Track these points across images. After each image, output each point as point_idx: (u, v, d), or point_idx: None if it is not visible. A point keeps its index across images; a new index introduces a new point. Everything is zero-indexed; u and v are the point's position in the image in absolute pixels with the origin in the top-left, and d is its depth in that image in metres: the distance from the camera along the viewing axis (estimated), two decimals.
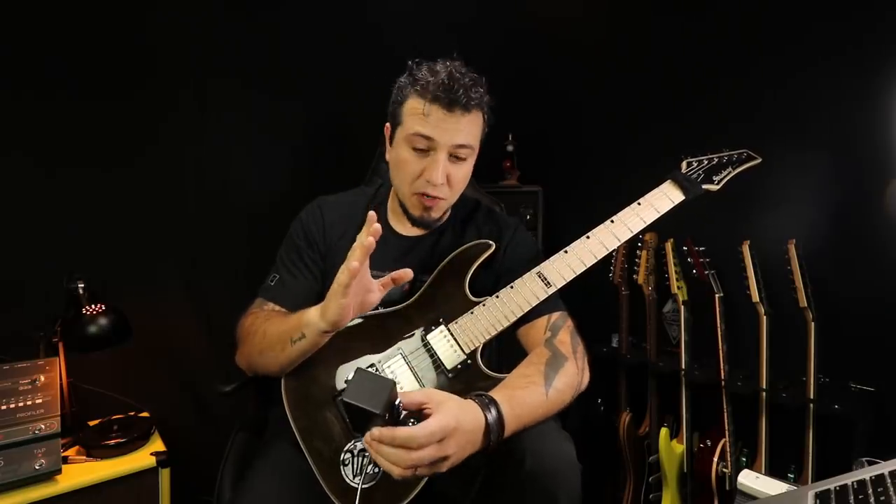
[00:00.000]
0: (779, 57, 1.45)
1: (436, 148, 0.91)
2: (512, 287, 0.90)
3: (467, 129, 0.92)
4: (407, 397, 0.68)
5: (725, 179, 0.98)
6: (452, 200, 0.99)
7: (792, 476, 1.35)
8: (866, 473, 0.56)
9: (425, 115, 0.89)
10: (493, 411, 0.73)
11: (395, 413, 0.65)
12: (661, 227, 0.97)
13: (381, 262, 1.00)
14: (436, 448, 0.65)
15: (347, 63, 1.69)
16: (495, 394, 0.76)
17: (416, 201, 0.95)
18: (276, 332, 0.87)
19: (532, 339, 0.93)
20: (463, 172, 0.96)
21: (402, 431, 0.64)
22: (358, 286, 0.76)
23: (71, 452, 1.17)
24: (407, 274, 0.80)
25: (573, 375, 0.85)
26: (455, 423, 0.67)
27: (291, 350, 0.84)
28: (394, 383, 0.63)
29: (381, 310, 0.94)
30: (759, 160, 1.01)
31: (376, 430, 0.64)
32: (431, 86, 0.89)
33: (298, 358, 0.86)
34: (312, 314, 0.80)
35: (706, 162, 0.99)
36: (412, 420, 0.68)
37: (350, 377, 0.62)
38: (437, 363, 0.88)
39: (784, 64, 1.44)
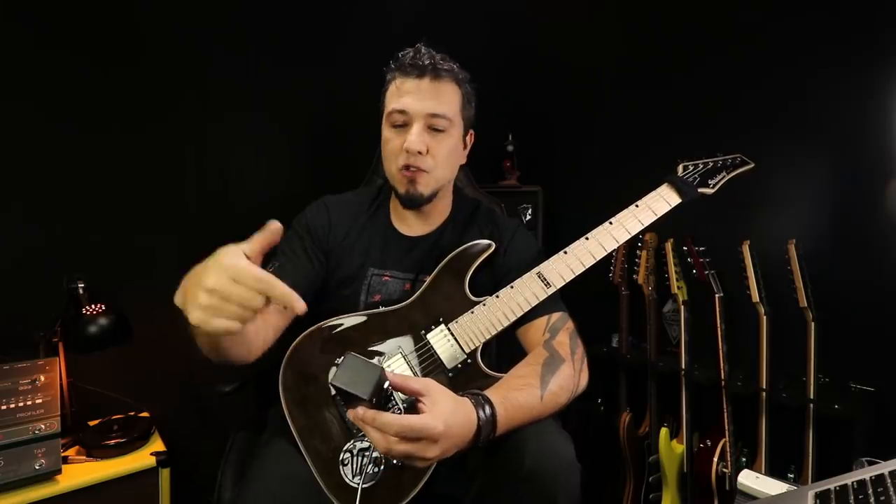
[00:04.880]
0: (779, 57, 1.45)
1: (411, 121, 0.94)
2: (512, 287, 0.90)
3: (441, 98, 0.94)
4: (405, 383, 0.68)
5: (720, 183, 0.98)
6: (440, 176, 0.98)
7: (792, 476, 1.35)
8: (866, 473, 0.56)
9: (398, 90, 0.95)
10: (487, 410, 0.73)
11: (383, 397, 0.66)
12: (661, 227, 0.97)
13: (382, 261, 1.00)
14: (412, 445, 0.64)
15: (348, 63, 1.69)
16: (490, 393, 0.76)
17: (401, 177, 0.96)
18: None
19: (531, 340, 0.93)
20: (445, 145, 0.96)
21: (381, 416, 0.64)
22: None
23: (71, 452, 1.17)
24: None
25: (569, 378, 0.85)
26: (442, 428, 0.65)
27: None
28: (382, 370, 0.64)
29: (381, 309, 0.94)
30: (753, 165, 1.02)
31: (360, 410, 0.65)
32: (402, 62, 0.95)
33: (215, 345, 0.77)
34: None
35: (701, 166, 1.00)
36: (398, 406, 0.68)
37: (340, 360, 0.63)
38: (437, 362, 0.88)
39: (785, 64, 1.44)
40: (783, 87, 1.44)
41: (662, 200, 0.93)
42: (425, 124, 0.93)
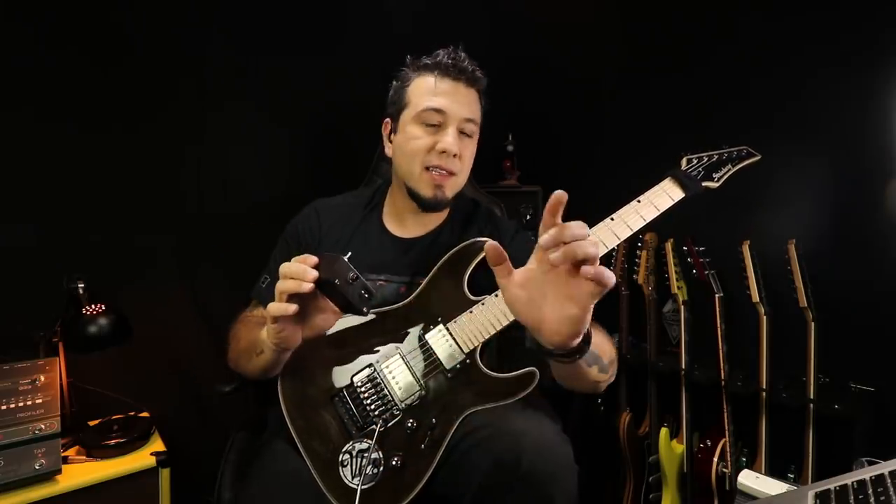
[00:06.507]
0: (779, 57, 1.44)
1: (447, 122, 0.94)
2: None
3: (472, 104, 0.96)
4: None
5: (725, 177, 0.97)
6: (462, 181, 0.99)
7: (792, 476, 1.35)
8: (866, 473, 0.56)
9: (436, 89, 0.94)
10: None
11: (349, 280, 0.72)
12: (661, 226, 0.97)
13: (376, 265, 0.99)
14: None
15: (347, 63, 1.69)
16: None
17: (428, 179, 0.95)
18: (245, 342, 0.89)
19: None
20: (470, 151, 0.98)
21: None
22: (305, 309, 0.74)
23: (71, 452, 1.17)
24: None
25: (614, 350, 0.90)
26: None
27: (257, 361, 0.84)
28: (344, 259, 0.72)
29: (378, 309, 0.94)
30: (759, 157, 1.01)
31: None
32: (441, 62, 0.95)
33: (268, 368, 0.85)
34: (263, 333, 0.79)
35: (706, 159, 0.98)
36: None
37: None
38: (436, 362, 0.88)
39: (784, 64, 1.44)
40: (783, 88, 1.44)
41: (665, 195, 0.91)
42: (458, 128, 0.94)
